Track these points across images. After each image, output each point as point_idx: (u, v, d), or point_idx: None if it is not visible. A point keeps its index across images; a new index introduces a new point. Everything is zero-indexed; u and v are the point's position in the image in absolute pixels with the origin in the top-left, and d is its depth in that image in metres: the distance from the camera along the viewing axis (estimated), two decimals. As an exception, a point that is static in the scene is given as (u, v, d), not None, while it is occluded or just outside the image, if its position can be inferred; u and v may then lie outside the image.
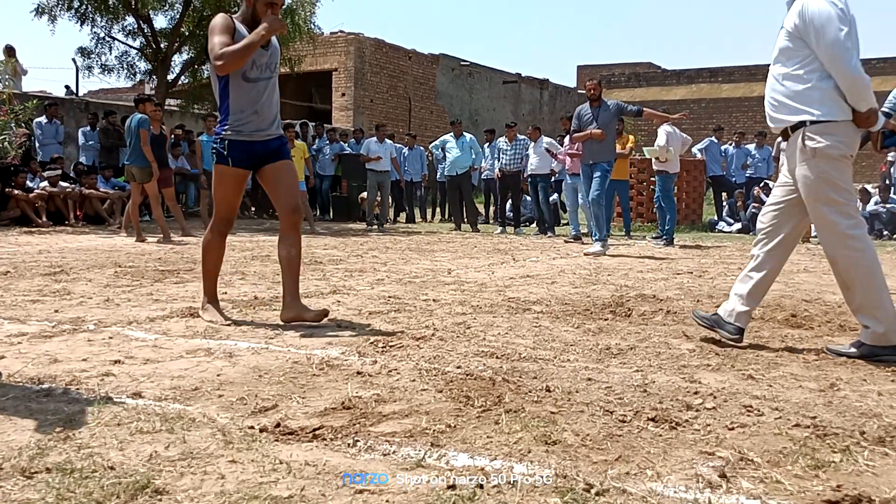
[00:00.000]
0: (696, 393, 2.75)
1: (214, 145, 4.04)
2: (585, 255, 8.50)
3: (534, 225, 13.65)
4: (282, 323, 4.05)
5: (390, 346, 3.49)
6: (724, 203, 14.85)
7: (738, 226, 14.01)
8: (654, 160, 10.72)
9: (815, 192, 3.45)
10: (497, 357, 3.29)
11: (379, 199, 13.56)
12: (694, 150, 14.90)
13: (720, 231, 14.07)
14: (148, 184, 9.74)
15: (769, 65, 3.66)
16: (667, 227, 10.50)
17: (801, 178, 3.50)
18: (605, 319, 4.36)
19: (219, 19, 3.93)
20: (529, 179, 12.50)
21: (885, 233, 12.64)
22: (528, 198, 13.87)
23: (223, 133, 3.98)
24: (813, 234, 11.75)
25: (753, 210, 13.38)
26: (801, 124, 3.45)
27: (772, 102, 3.61)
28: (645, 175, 13.92)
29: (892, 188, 13.61)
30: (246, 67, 3.90)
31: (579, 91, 30.16)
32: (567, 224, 12.66)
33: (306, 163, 12.68)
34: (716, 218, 14.77)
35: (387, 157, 13.40)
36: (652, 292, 5.45)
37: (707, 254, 9.30)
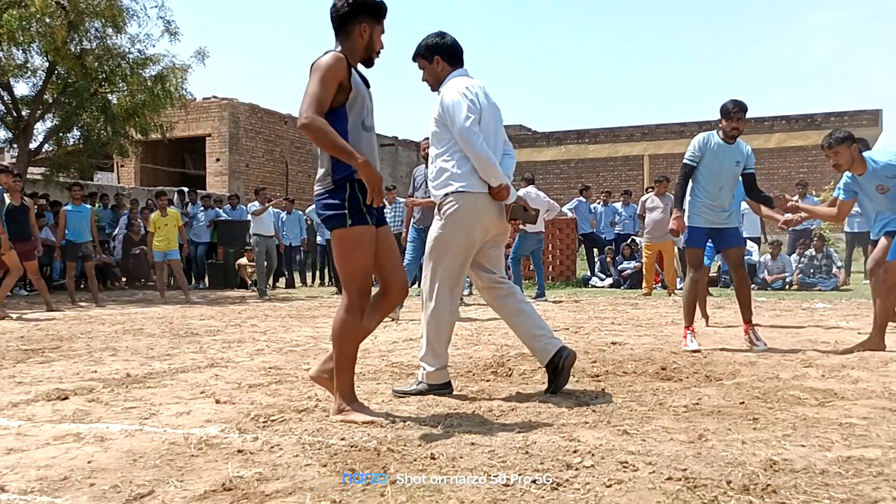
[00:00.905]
0: (575, 451, 2.84)
1: (333, 202, 3.35)
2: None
3: (416, 285, 13.74)
4: (155, 403, 3.91)
5: (272, 421, 3.43)
6: (596, 259, 15.47)
7: (609, 280, 14.61)
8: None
9: (430, 249, 4.00)
10: (381, 426, 3.28)
11: (266, 265, 13.18)
12: (564, 209, 15.50)
13: (593, 286, 14.61)
14: (6, 256, 9.25)
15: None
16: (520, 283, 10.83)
17: (430, 232, 4.04)
18: (487, 380, 4.43)
19: (328, 62, 3.30)
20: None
21: None
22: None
23: (352, 181, 3.37)
24: (679, 286, 12.40)
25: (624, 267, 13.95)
26: (447, 196, 3.96)
27: (430, 180, 4.09)
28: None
29: None
30: (364, 115, 3.46)
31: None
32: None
33: (180, 230, 12.37)
34: (589, 274, 15.34)
35: (270, 222, 13.20)
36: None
37: (581, 308, 9.62)
